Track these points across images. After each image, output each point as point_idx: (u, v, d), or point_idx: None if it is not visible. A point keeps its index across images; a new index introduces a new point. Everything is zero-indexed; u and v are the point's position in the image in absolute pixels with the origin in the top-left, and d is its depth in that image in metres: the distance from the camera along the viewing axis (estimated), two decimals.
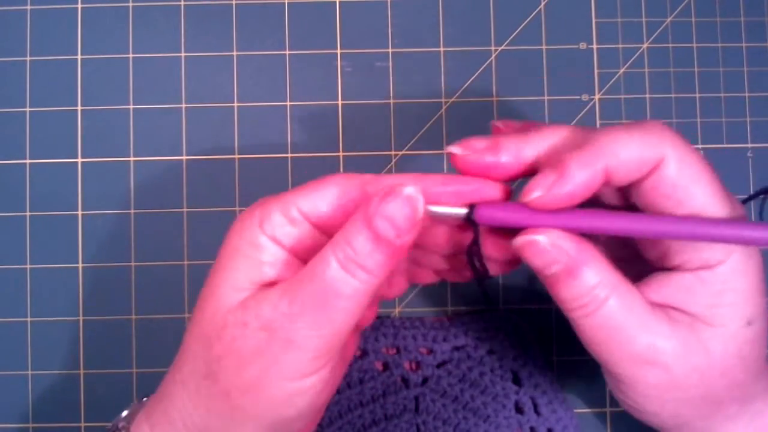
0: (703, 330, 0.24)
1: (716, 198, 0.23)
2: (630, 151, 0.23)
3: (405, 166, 0.37)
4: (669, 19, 0.38)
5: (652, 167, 0.23)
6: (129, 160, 0.37)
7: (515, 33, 0.38)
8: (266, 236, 0.25)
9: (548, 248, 0.24)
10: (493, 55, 0.38)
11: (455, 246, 0.27)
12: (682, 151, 0.23)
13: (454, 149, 0.25)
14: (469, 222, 0.25)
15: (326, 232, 0.25)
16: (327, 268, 0.23)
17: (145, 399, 0.28)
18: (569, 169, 0.23)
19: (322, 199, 0.25)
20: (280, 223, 0.25)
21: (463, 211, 0.25)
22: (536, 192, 0.23)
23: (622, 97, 0.37)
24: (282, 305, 0.23)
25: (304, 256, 0.25)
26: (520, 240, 0.24)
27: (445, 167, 0.37)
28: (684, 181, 0.23)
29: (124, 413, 0.28)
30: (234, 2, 0.37)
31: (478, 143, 0.25)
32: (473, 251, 0.25)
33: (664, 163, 0.23)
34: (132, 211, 0.36)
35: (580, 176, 0.23)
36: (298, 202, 0.25)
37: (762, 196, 0.31)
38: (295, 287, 0.23)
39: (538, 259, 0.24)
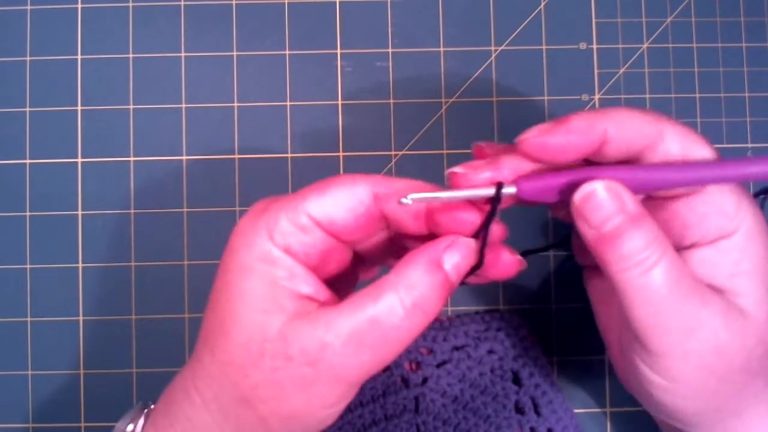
0: (732, 298, 0.25)
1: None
2: (630, 122, 0.24)
3: (405, 166, 0.37)
4: (669, 19, 0.38)
5: (649, 142, 0.24)
6: (129, 160, 0.37)
7: (515, 33, 0.38)
8: (278, 248, 0.24)
9: (607, 200, 0.23)
10: (493, 55, 0.38)
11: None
12: (680, 128, 0.24)
13: (457, 169, 0.25)
14: (491, 202, 0.24)
15: (335, 236, 0.25)
16: (392, 314, 0.23)
17: (146, 410, 0.27)
18: (570, 119, 0.23)
19: (332, 203, 0.24)
20: (290, 231, 0.24)
21: (490, 190, 0.24)
22: (531, 133, 0.23)
23: (622, 97, 0.37)
24: (334, 345, 0.22)
25: (315, 263, 0.25)
26: (579, 195, 0.24)
27: (445, 167, 0.37)
28: (690, 150, 0.24)
29: (130, 427, 0.27)
30: (234, 2, 0.37)
31: (478, 162, 0.25)
32: (482, 233, 0.25)
33: (666, 140, 0.24)
34: (132, 211, 0.36)
35: (579, 127, 0.23)
36: (308, 208, 0.24)
37: (762, 196, 0.31)
38: (348, 326, 0.23)
39: (596, 215, 0.23)
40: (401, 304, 0.23)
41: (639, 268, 0.23)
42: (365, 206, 0.24)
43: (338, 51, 0.37)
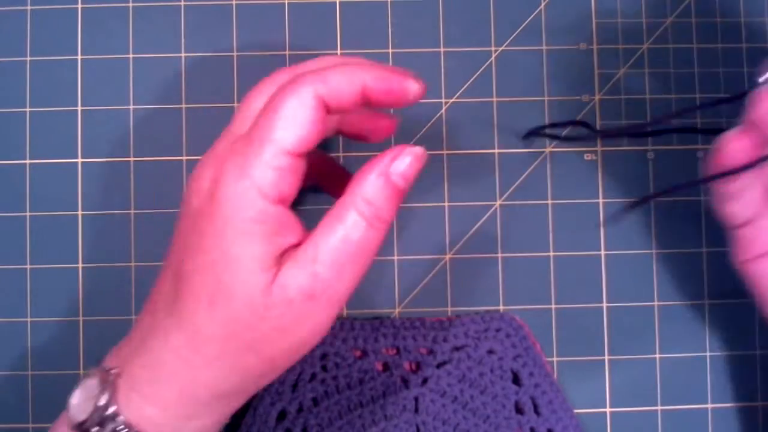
0: None
1: None
2: None
3: None
4: (669, 20, 0.38)
5: None
6: (129, 161, 0.37)
7: (515, 33, 0.38)
8: (271, 202, 0.25)
9: None
10: (493, 55, 0.38)
11: None
12: None
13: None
14: None
15: (303, 155, 0.26)
16: (360, 231, 0.25)
17: (109, 378, 0.26)
18: None
19: (293, 123, 0.25)
20: (279, 178, 0.25)
21: None
22: None
23: (622, 97, 0.37)
24: (323, 273, 0.25)
25: (297, 192, 0.27)
26: None
27: (445, 167, 0.37)
28: None
29: (102, 401, 0.26)
30: (234, 2, 0.37)
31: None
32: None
33: None
34: (132, 211, 0.36)
35: None
36: (282, 144, 0.25)
37: None
38: (328, 252, 0.25)
39: None
40: (363, 218, 0.25)
41: None
42: (318, 111, 0.26)
43: (338, 51, 0.37)
